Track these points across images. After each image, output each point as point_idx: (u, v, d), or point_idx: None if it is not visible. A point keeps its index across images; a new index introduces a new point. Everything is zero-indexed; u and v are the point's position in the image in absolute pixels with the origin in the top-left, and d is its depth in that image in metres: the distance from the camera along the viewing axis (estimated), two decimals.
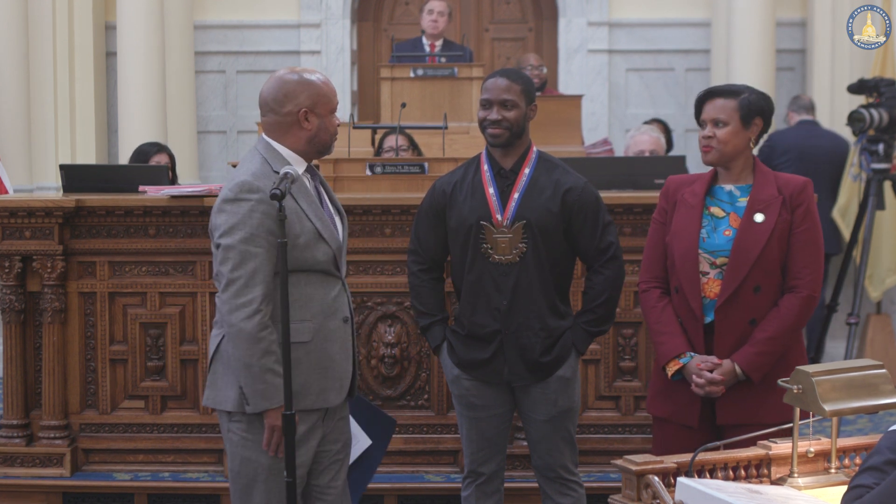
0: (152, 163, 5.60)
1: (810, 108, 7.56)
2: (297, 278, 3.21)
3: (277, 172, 3.17)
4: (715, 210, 3.49)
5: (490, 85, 3.68)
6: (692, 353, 3.45)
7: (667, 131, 7.17)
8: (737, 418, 3.40)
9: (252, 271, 3.12)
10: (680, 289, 3.49)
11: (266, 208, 3.13)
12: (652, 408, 3.63)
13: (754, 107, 3.45)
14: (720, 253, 3.43)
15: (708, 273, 3.45)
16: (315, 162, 3.44)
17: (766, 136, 3.64)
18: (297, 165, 3.26)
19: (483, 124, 3.68)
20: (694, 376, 3.41)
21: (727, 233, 3.44)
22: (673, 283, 3.53)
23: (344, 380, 3.31)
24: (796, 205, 3.41)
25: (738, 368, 3.38)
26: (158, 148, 5.79)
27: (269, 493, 3.25)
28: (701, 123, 3.51)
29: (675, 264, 3.50)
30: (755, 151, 3.57)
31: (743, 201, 3.46)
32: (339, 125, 3.35)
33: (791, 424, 2.68)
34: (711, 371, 3.39)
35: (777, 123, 7.85)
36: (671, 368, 3.46)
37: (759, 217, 3.40)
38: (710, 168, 3.57)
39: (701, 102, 3.52)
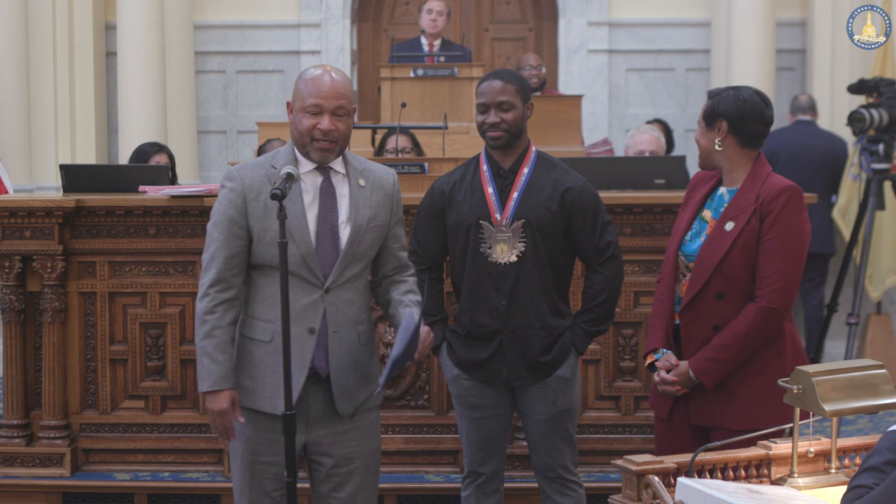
0: (152, 163, 5.59)
1: (807, 108, 7.56)
2: (270, 276, 3.20)
3: (274, 168, 3.20)
4: (706, 214, 3.51)
5: (485, 88, 3.67)
6: (665, 350, 3.50)
7: (667, 131, 7.17)
8: (704, 420, 3.44)
9: (210, 256, 3.23)
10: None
11: (234, 197, 3.19)
12: (650, 398, 3.72)
13: (712, 110, 3.44)
14: (692, 258, 3.46)
15: (686, 275, 3.48)
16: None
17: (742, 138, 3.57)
18: (304, 163, 3.23)
19: (482, 128, 3.67)
20: (654, 374, 3.50)
21: (703, 239, 3.46)
22: None
23: (294, 390, 3.16)
24: (766, 212, 3.36)
25: (691, 372, 3.41)
26: (158, 148, 5.78)
27: (242, 479, 3.30)
28: None
29: (664, 262, 3.57)
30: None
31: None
32: (320, 128, 3.16)
33: (788, 426, 2.68)
34: (669, 371, 3.45)
35: (779, 124, 7.86)
36: (647, 361, 3.56)
37: (729, 225, 3.40)
38: None
39: None
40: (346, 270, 3.23)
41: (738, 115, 3.43)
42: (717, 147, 3.46)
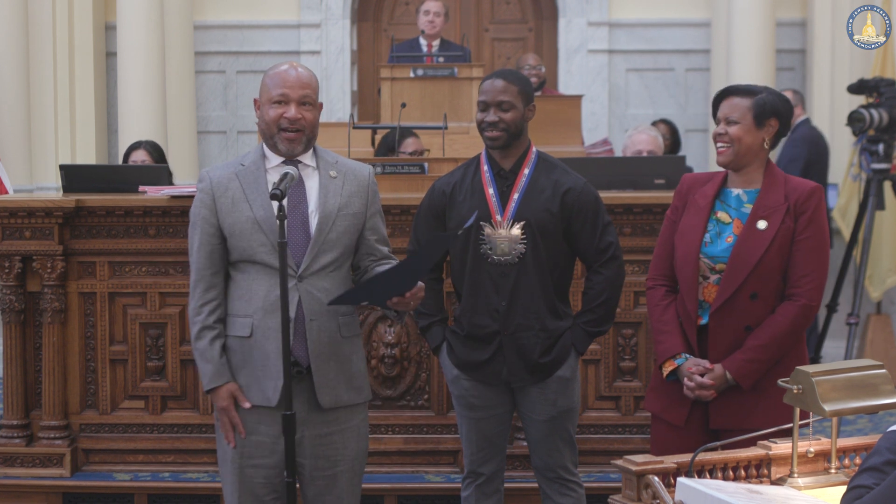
0: (130, 161, 5.59)
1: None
2: (245, 271, 3.25)
3: (243, 165, 3.28)
4: (722, 215, 3.47)
5: (487, 87, 3.67)
6: (687, 355, 3.45)
7: (673, 132, 7.16)
8: (729, 423, 3.40)
9: (192, 257, 3.30)
10: (680, 290, 3.50)
11: (204, 197, 3.27)
12: (647, 403, 3.67)
13: (769, 107, 3.41)
14: (720, 259, 3.42)
15: (708, 278, 3.44)
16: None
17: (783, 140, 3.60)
18: (273, 158, 3.28)
19: (481, 126, 3.67)
20: (685, 379, 3.42)
21: (729, 240, 3.42)
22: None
23: (276, 382, 3.19)
24: (801, 212, 3.37)
25: (728, 375, 3.38)
26: (137, 145, 5.75)
27: (232, 484, 3.30)
28: (716, 122, 3.50)
29: (677, 266, 3.51)
30: (771, 154, 3.54)
31: (749, 207, 3.43)
32: (286, 117, 3.21)
33: (789, 425, 2.68)
34: (703, 375, 3.39)
35: None
36: (666, 368, 3.48)
37: (761, 224, 3.38)
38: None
39: (718, 101, 3.51)
40: (319, 258, 3.25)
41: (787, 113, 3.47)
42: (766, 146, 3.45)
